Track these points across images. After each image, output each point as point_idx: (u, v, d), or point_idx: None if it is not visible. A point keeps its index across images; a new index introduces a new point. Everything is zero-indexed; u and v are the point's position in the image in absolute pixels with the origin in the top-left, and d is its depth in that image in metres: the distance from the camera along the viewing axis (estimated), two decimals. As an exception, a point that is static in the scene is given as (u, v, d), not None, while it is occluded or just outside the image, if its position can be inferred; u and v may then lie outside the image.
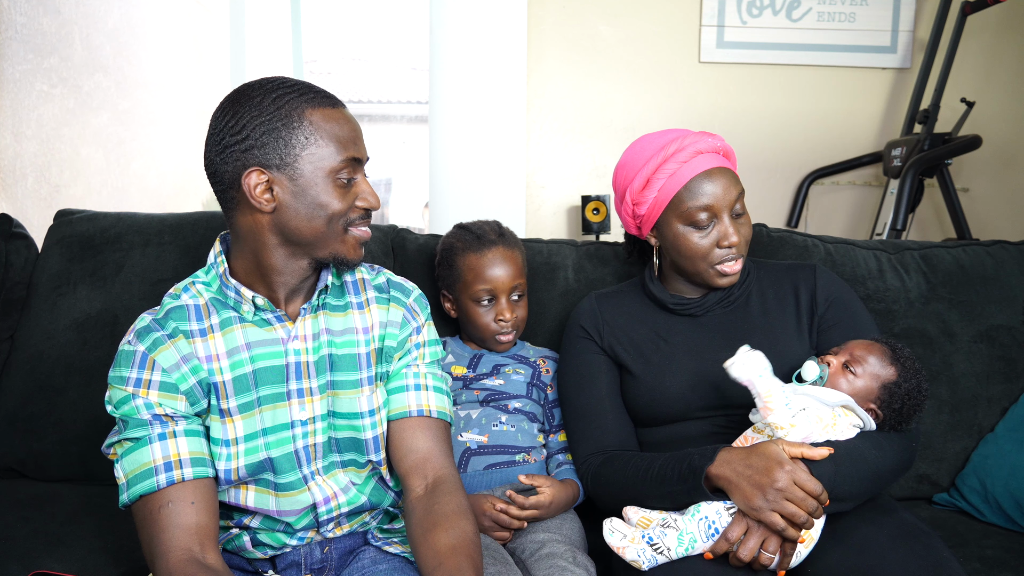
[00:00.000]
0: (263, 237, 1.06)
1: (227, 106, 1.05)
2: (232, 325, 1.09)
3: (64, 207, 1.82)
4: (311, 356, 1.11)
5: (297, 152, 1.02)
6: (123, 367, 1.04)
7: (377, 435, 1.14)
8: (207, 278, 1.12)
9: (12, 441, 1.57)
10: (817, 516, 1.06)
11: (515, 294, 1.49)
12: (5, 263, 1.67)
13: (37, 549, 1.26)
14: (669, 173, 1.27)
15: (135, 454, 1.02)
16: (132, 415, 1.03)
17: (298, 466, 1.10)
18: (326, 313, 1.14)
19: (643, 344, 1.36)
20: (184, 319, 1.08)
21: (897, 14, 2.87)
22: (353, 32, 7.63)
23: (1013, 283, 1.67)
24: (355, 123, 1.09)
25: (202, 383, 1.06)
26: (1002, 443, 1.55)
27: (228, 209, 1.08)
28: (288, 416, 1.10)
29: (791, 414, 1.11)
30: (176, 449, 1.02)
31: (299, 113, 1.03)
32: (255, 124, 1.02)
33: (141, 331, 1.06)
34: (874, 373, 1.19)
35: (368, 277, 1.21)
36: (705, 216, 1.26)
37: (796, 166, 2.93)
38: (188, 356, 1.06)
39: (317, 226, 1.05)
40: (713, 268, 1.29)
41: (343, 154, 1.04)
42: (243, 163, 1.02)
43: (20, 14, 2.70)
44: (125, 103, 3.45)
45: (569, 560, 1.20)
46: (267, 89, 1.04)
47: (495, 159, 2.78)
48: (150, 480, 1.00)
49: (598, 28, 2.87)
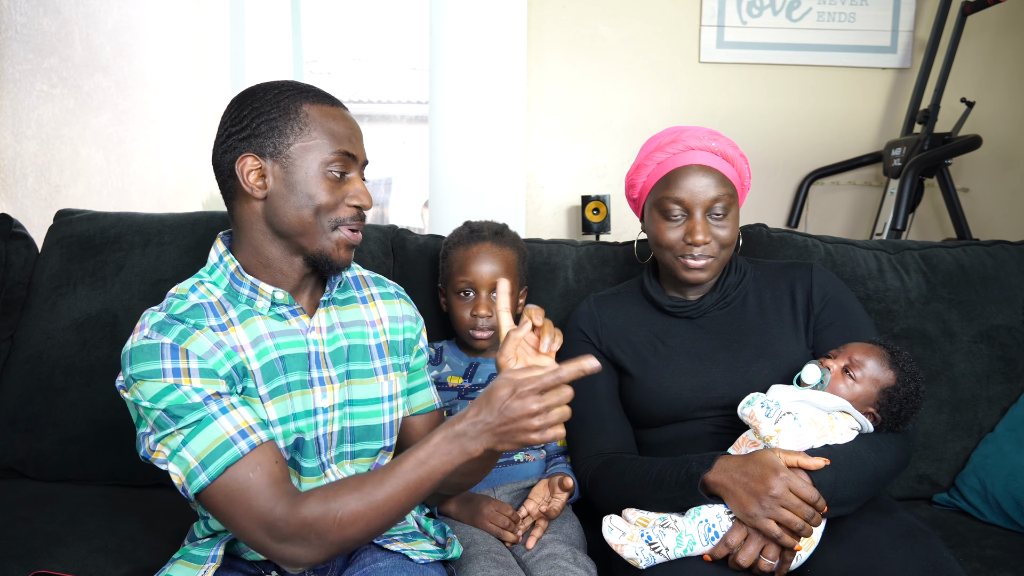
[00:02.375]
0: (259, 227, 1.08)
1: (234, 102, 1.10)
2: (251, 317, 1.09)
3: (64, 207, 1.82)
4: (327, 347, 1.14)
5: (291, 141, 1.05)
6: (151, 360, 1.00)
7: (393, 420, 1.19)
8: (213, 277, 1.12)
9: (12, 441, 1.57)
10: (815, 523, 1.06)
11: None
12: (5, 263, 1.67)
13: (37, 549, 1.26)
14: (657, 162, 1.31)
15: (203, 434, 0.99)
16: (182, 402, 0.99)
17: (318, 452, 1.12)
18: (336, 308, 1.18)
19: (641, 346, 1.37)
20: (201, 315, 1.07)
21: (897, 14, 2.87)
22: (353, 32, 7.63)
23: (1013, 283, 1.67)
24: (354, 123, 1.11)
25: (237, 368, 1.05)
26: (1002, 443, 1.55)
27: (228, 200, 1.11)
28: (313, 403, 1.11)
29: (772, 421, 1.12)
30: (243, 417, 1.01)
31: (296, 106, 1.06)
32: (254, 116, 1.06)
33: (158, 325, 1.04)
34: (873, 378, 1.19)
35: (366, 274, 1.26)
36: (677, 209, 1.29)
37: (796, 166, 2.93)
38: (220, 343, 1.05)
39: (305, 216, 1.06)
40: (679, 260, 1.30)
41: (336, 147, 1.06)
42: (239, 150, 1.06)
43: (20, 14, 2.70)
44: (125, 103, 3.45)
45: (570, 560, 1.20)
46: (271, 87, 1.09)
47: (495, 159, 2.78)
48: (232, 450, 0.98)
49: (598, 28, 2.87)
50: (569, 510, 1.41)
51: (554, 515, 1.32)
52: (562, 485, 1.32)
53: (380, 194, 6.84)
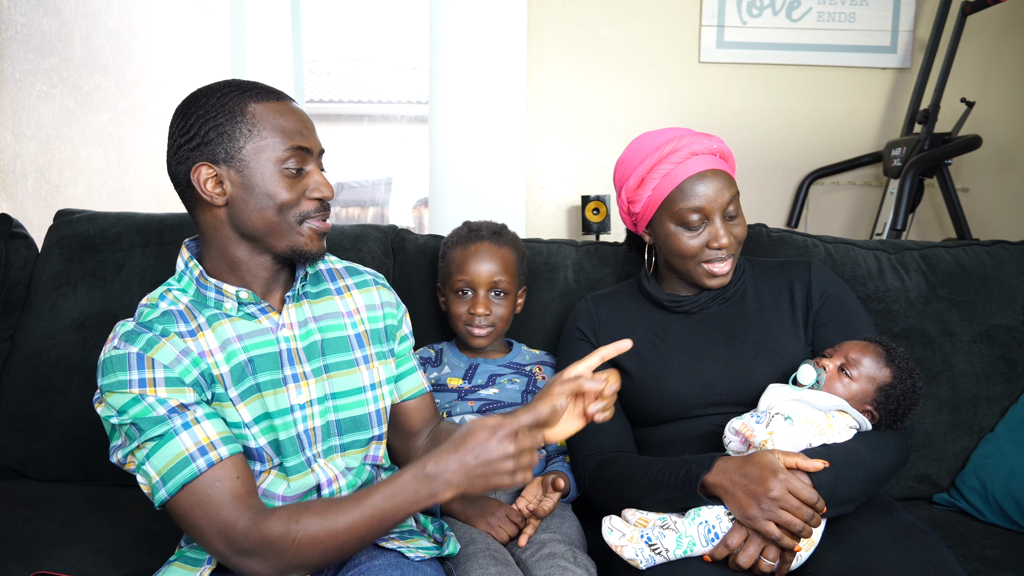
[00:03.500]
0: (224, 232, 1.08)
1: (179, 111, 1.08)
2: (219, 320, 1.10)
3: (64, 207, 1.82)
4: (299, 343, 1.13)
5: (241, 144, 1.05)
6: (118, 372, 1.02)
7: (379, 409, 1.19)
8: (181, 285, 1.13)
9: (12, 441, 1.57)
10: (814, 524, 1.06)
11: (495, 291, 1.50)
12: (5, 263, 1.67)
13: (38, 550, 1.26)
14: (663, 173, 1.28)
15: (163, 450, 1.01)
16: (146, 415, 1.01)
17: (300, 449, 1.12)
18: (309, 302, 1.18)
19: (639, 344, 1.36)
20: (171, 321, 1.08)
21: (897, 14, 2.87)
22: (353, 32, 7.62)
23: (1013, 283, 1.67)
24: (302, 114, 1.10)
25: (205, 374, 1.06)
26: (1002, 443, 1.55)
27: (190, 209, 1.11)
28: (287, 401, 1.11)
29: (763, 426, 1.13)
30: (204, 433, 1.02)
31: (241, 108, 1.05)
32: (201, 123, 1.05)
33: (127, 335, 1.05)
34: (870, 376, 1.19)
35: (340, 267, 1.25)
36: (696, 218, 1.27)
37: (796, 166, 2.93)
38: (186, 350, 1.06)
39: (268, 216, 1.06)
40: (702, 267, 1.30)
41: (287, 143, 1.06)
42: (192, 160, 1.05)
43: (20, 14, 2.70)
44: (125, 103, 3.44)
45: (570, 560, 1.20)
46: (213, 90, 1.07)
47: (495, 159, 2.78)
48: (189, 468, 1.00)
49: (598, 28, 2.87)
50: (568, 509, 1.41)
51: (543, 514, 1.31)
52: (554, 485, 1.32)
53: (380, 194, 6.83)
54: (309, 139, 1.09)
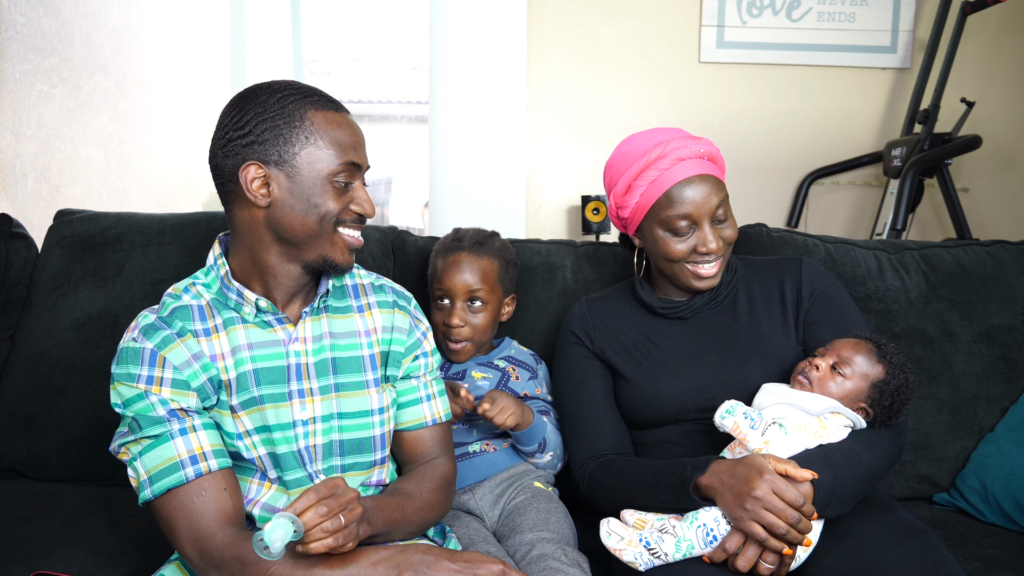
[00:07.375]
0: (258, 232, 1.07)
1: (234, 104, 1.07)
2: (235, 325, 1.10)
3: (64, 207, 1.82)
4: (311, 358, 1.12)
5: (296, 151, 1.04)
6: (130, 364, 1.04)
7: (384, 433, 1.17)
8: (207, 279, 1.12)
9: (12, 441, 1.57)
10: (802, 529, 1.05)
11: (472, 301, 1.49)
12: (5, 263, 1.67)
13: (38, 550, 1.26)
14: (650, 180, 1.27)
15: (156, 451, 1.02)
16: (147, 412, 1.02)
17: (301, 464, 1.11)
18: (328, 316, 1.16)
19: (633, 348, 1.37)
20: (189, 318, 1.08)
21: (897, 14, 2.87)
22: (353, 32, 7.63)
23: (1013, 283, 1.67)
24: (357, 129, 1.10)
25: (212, 380, 1.07)
26: (1002, 443, 1.55)
27: (227, 203, 1.10)
28: (290, 416, 1.10)
29: (759, 433, 1.12)
30: (199, 442, 1.03)
31: (301, 113, 1.04)
32: (258, 121, 1.03)
33: (147, 328, 1.06)
34: (863, 373, 1.19)
35: (367, 282, 1.23)
36: (684, 224, 1.26)
37: (796, 166, 2.93)
38: (198, 354, 1.06)
39: (309, 224, 1.05)
40: (688, 269, 1.29)
41: (342, 158, 1.05)
42: (243, 157, 1.04)
43: (20, 14, 2.70)
44: (125, 103, 3.45)
45: (561, 559, 1.20)
46: (274, 89, 1.06)
47: (495, 159, 2.78)
48: (177, 474, 1.01)
49: (598, 28, 2.87)
50: (556, 500, 1.40)
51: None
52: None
53: (380, 194, 6.84)
54: (360, 155, 1.09)
